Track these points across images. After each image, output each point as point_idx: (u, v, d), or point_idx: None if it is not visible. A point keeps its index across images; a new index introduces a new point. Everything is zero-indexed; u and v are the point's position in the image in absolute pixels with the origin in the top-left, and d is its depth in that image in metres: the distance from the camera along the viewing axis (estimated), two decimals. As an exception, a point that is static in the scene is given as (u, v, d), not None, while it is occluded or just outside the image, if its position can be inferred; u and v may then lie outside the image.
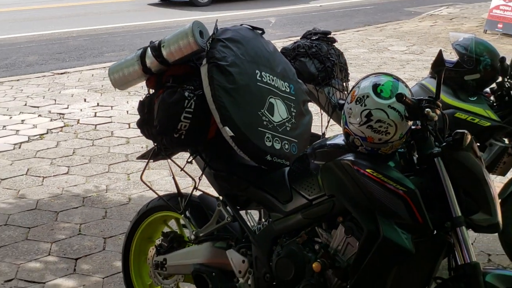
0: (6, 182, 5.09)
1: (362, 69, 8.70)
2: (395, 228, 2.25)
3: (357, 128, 2.36)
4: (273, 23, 12.13)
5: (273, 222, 2.67)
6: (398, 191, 2.25)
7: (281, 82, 2.90)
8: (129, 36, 11.32)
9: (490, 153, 3.57)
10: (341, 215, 2.43)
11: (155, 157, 3.07)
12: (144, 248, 3.27)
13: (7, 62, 9.47)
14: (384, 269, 2.30)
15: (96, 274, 3.79)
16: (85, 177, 5.20)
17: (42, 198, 4.80)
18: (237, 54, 2.73)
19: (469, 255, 2.25)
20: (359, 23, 12.86)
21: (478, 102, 3.56)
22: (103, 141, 6.07)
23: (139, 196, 4.82)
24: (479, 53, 3.58)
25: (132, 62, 2.88)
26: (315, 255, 2.50)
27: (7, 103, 7.28)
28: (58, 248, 4.07)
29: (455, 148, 2.29)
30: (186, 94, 2.69)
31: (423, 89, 3.63)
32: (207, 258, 2.91)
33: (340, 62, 3.79)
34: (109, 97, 7.51)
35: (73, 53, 10.08)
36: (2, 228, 4.33)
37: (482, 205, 2.28)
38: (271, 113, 2.77)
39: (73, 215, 4.53)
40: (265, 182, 2.71)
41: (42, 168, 5.40)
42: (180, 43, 2.73)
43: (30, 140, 6.10)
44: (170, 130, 2.71)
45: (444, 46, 9.99)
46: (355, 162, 2.35)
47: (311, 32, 3.93)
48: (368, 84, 2.37)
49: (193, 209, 3.00)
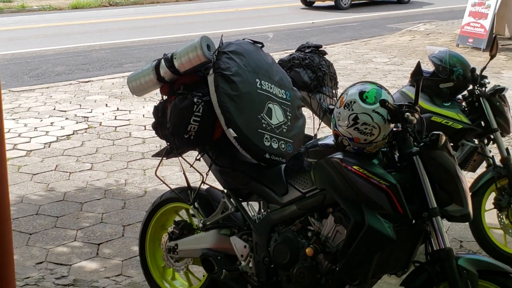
0: (37, 177, 5.08)
1: (349, 78, 8.68)
2: (378, 218, 2.24)
3: (345, 130, 2.35)
4: (271, 38, 12.10)
5: (271, 212, 2.66)
6: (381, 185, 2.25)
7: (278, 89, 2.89)
8: (145, 49, 11.30)
9: (462, 152, 3.56)
10: (331, 206, 2.43)
11: (167, 155, 3.06)
12: (158, 234, 3.26)
13: (38, 71, 9.45)
14: (369, 253, 2.30)
15: (116, 257, 3.78)
16: (106, 173, 5.19)
17: (69, 191, 4.79)
18: (240, 65, 2.73)
19: (443, 241, 2.25)
20: (346, 38, 12.83)
21: (451, 107, 3.55)
22: (122, 141, 6.05)
23: (153, 189, 4.81)
24: (452, 64, 3.57)
25: (148, 72, 2.87)
26: (308, 241, 2.49)
27: (38, 108, 7.27)
28: (83, 235, 4.07)
29: (432, 148, 2.29)
30: (195, 100, 2.68)
31: (403, 96, 3.63)
32: (213, 243, 2.90)
33: (330, 72, 3.77)
34: (128, 102, 7.49)
35: (96, 64, 10.06)
36: (33, 217, 4.32)
37: (455, 198, 2.27)
38: (270, 117, 2.77)
39: (96, 206, 4.52)
40: (264, 177, 2.70)
41: (69, 164, 5.39)
42: (190, 55, 2.72)
43: (58, 140, 6.08)
44: (181, 131, 2.70)
45: (422, 58, 9.96)
46: (343, 160, 2.35)
47: (305, 45, 3.91)
48: (355, 91, 2.37)
49: (201, 200, 3.00)
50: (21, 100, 7.61)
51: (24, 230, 4.11)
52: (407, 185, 2.29)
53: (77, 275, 3.56)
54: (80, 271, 3.60)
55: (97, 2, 18.88)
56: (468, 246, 3.86)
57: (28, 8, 17.48)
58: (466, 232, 3.93)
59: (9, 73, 9.14)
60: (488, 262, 2.32)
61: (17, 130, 6.34)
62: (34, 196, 4.70)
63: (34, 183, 4.95)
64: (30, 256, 3.76)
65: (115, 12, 17.05)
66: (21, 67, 9.70)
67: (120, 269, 3.63)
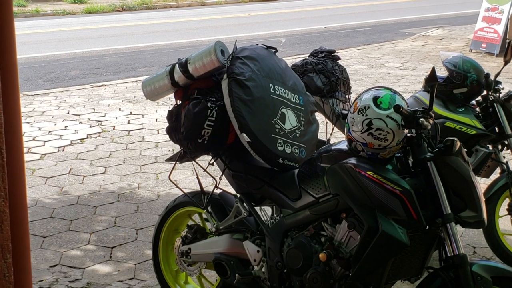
0: (51, 180, 5.12)
1: (362, 83, 8.66)
2: (392, 224, 2.24)
3: (359, 135, 2.35)
4: (283, 42, 12.10)
5: (284, 217, 2.66)
6: (395, 191, 2.24)
7: (292, 94, 2.90)
8: (158, 54, 11.35)
9: (476, 158, 3.54)
10: (345, 212, 2.43)
11: (181, 159, 3.07)
12: (171, 238, 3.27)
13: (52, 76, 9.53)
14: (382, 259, 2.29)
15: (129, 261, 3.79)
16: (119, 176, 5.22)
17: (82, 194, 4.82)
18: (254, 70, 2.74)
19: (457, 247, 2.24)
20: (359, 42, 12.80)
21: (465, 113, 3.54)
22: (135, 145, 6.08)
23: (166, 193, 4.82)
24: (466, 70, 3.56)
25: (162, 77, 2.89)
26: (321, 246, 2.49)
27: (52, 112, 7.33)
28: (96, 238, 4.09)
29: (446, 154, 2.28)
30: (209, 105, 2.69)
31: (417, 101, 3.62)
32: (226, 248, 2.90)
33: (343, 77, 3.77)
34: (141, 107, 7.53)
35: (109, 68, 10.12)
36: (47, 220, 4.35)
37: (469, 204, 2.27)
38: (283, 122, 2.77)
39: (109, 209, 4.54)
40: (277, 182, 2.71)
41: (83, 168, 5.42)
42: (204, 60, 2.73)
43: (72, 144, 6.12)
44: (194, 136, 2.71)
45: (435, 63, 9.93)
46: (357, 165, 2.35)
47: (318, 50, 3.92)
48: (369, 96, 2.37)
49: (214, 205, 3.00)
50: (35, 104, 7.67)
51: (38, 233, 4.14)
52: (421, 191, 2.28)
53: (90, 278, 3.58)
54: (93, 274, 3.62)
55: (111, 7, 19.00)
56: (482, 252, 3.84)
57: (42, 13, 17.62)
58: (479, 238, 3.90)
59: (23, 77, 9.22)
60: (502, 268, 2.31)
61: (31, 134, 6.40)
62: (48, 199, 4.73)
63: (48, 186, 4.99)
64: (44, 259, 3.79)
65: (128, 17, 17.14)
66: (36, 71, 9.78)
67: (133, 273, 3.65)
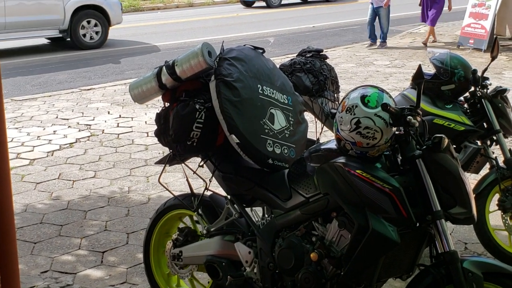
0: (41, 186, 5.09)
1: (351, 81, 8.69)
2: (382, 222, 2.24)
3: (347, 134, 2.36)
4: (271, 42, 12.11)
5: (275, 218, 2.66)
6: (385, 189, 2.25)
7: (280, 94, 2.89)
8: (146, 56, 11.33)
9: (465, 154, 3.56)
10: (335, 211, 2.43)
11: (171, 162, 3.07)
12: (162, 242, 3.26)
13: (40, 80, 9.48)
14: (374, 257, 2.30)
15: (121, 265, 3.78)
16: (110, 180, 5.19)
17: (72, 199, 4.79)
18: (241, 71, 2.73)
19: (448, 244, 2.25)
20: (347, 41, 12.84)
21: (453, 109, 3.55)
22: (125, 148, 6.06)
23: (157, 196, 4.81)
24: (453, 66, 3.57)
25: (150, 80, 2.88)
26: (313, 246, 2.49)
27: (40, 116, 7.29)
28: (87, 243, 4.07)
29: (434, 151, 2.29)
30: (197, 107, 2.68)
31: (405, 99, 3.63)
32: (217, 250, 2.90)
33: (331, 76, 3.78)
34: (130, 109, 7.51)
35: (97, 72, 10.08)
36: (38, 226, 4.32)
37: (459, 200, 2.27)
38: (272, 122, 2.77)
39: (100, 214, 4.52)
40: (267, 182, 2.71)
41: (72, 172, 5.39)
42: (191, 62, 2.73)
43: (61, 148, 6.09)
44: (183, 138, 2.71)
45: (423, 60, 9.97)
46: (346, 164, 2.35)
47: (306, 50, 3.92)
48: (357, 95, 2.37)
49: (205, 207, 3.00)
50: (23, 109, 7.63)
51: (29, 239, 4.11)
52: (410, 189, 2.29)
53: (82, 283, 3.56)
54: (85, 280, 3.60)
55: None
56: (473, 248, 3.86)
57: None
58: (470, 234, 3.92)
59: (11, 82, 9.16)
60: (493, 264, 2.32)
61: (20, 139, 6.36)
62: (38, 205, 4.70)
63: (38, 191, 4.96)
64: (35, 265, 3.77)
65: (116, 20, 17.05)
66: (23, 76, 9.72)
67: (125, 277, 3.63)
